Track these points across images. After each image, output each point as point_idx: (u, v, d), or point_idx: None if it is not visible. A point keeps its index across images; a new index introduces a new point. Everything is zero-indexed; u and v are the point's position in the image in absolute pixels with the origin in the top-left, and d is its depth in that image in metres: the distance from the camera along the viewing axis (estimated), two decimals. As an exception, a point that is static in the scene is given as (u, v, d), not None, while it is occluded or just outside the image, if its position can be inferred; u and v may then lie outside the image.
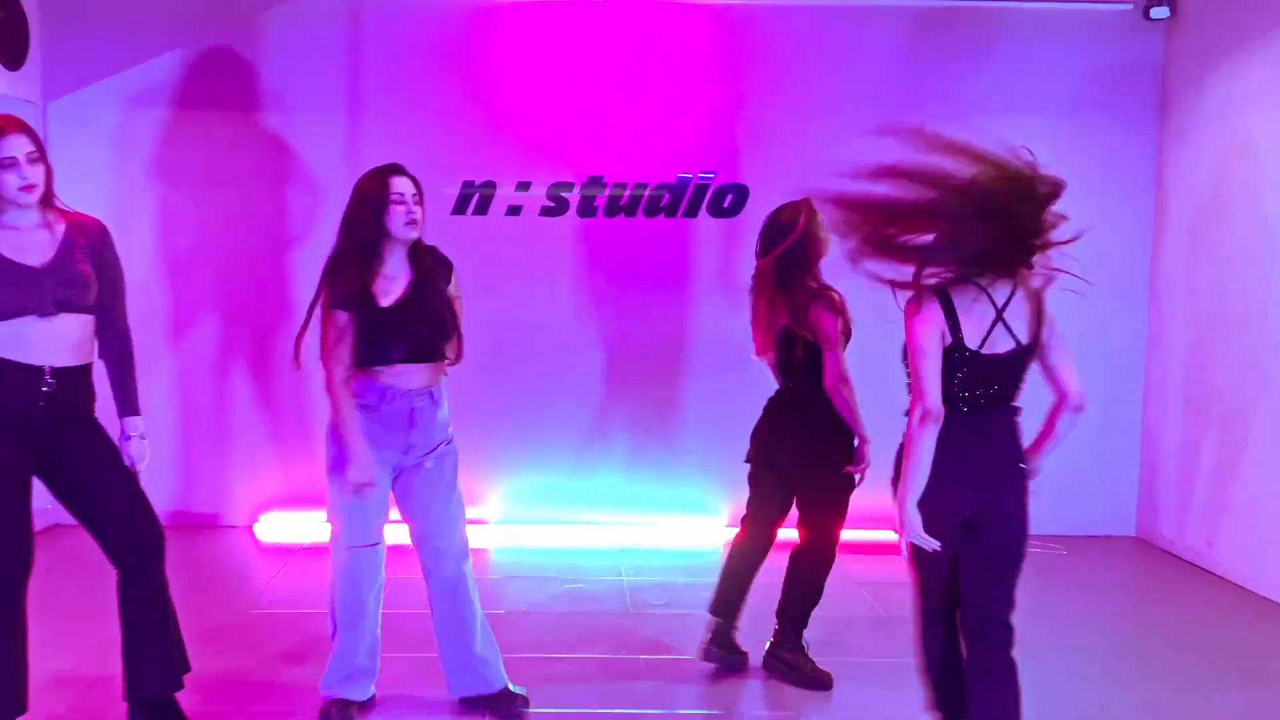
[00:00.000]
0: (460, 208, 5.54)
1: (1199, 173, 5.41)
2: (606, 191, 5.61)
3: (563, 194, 5.61)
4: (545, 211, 5.60)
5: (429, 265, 3.25)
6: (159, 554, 3.08)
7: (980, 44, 5.60)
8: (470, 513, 3.48)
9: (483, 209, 5.58)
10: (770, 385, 3.78)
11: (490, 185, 5.58)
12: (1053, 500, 5.66)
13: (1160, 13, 5.43)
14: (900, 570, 2.96)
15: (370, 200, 3.16)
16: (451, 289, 3.31)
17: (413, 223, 3.18)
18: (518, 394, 5.60)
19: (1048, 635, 4.13)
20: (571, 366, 5.67)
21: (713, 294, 5.64)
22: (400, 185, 3.17)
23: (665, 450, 5.71)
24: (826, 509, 3.65)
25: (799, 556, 3.72)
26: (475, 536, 3.57)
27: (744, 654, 3.80)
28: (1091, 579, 5.16)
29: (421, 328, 3.22)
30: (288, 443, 5.61)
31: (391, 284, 3.18)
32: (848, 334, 3.56)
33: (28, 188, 2.88)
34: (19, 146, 2.88)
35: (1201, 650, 4.18)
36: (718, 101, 5.62)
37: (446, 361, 3.31)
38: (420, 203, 3.21)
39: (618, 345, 5.67)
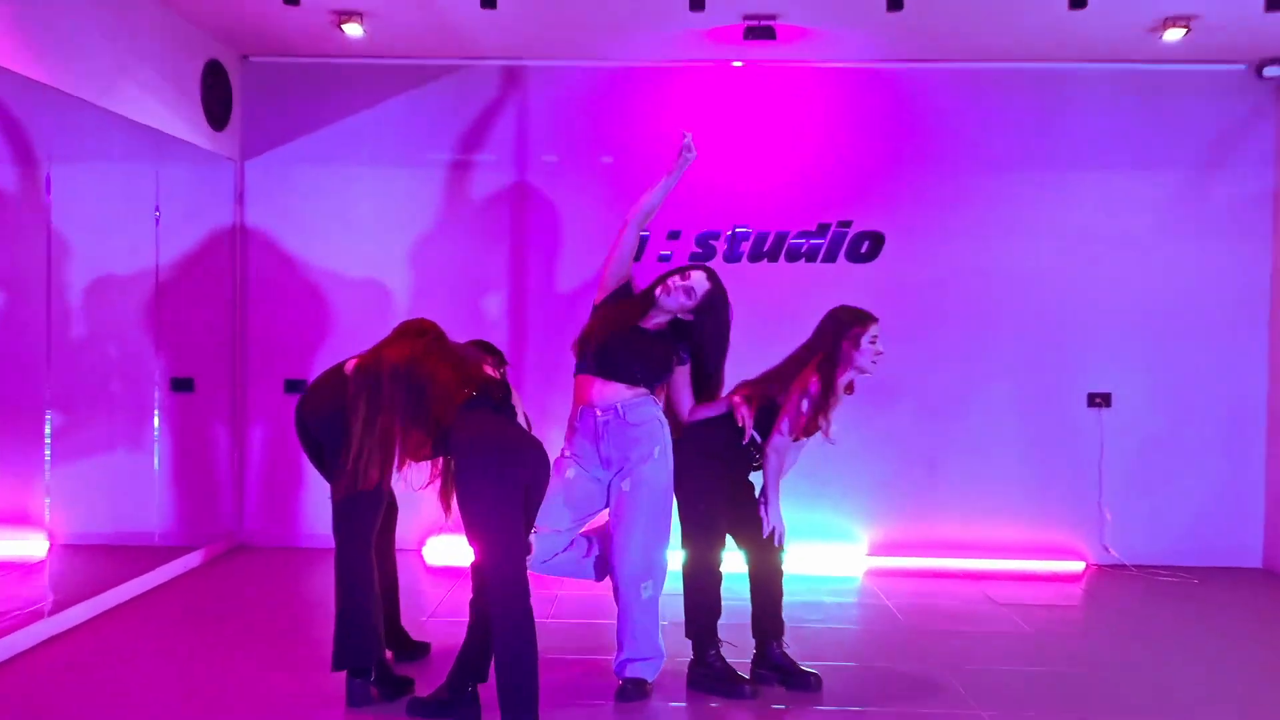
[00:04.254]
0: (616, 254, 5.98)
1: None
2: (751, 238, 6.05)
3: (710, 241, 6.05)
4: (693, 258, 6.03)
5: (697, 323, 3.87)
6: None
7: (1098, 104, 6.00)
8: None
9: (636, 256, 6.00)
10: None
11: (643, 234, 6.02)
12: (1177, 531, 5.97)
13: (1273, 71, 5.78)
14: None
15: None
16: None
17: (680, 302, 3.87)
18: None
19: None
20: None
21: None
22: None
23: (806, 480, 6.01)
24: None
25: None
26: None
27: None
28: (1224, 610, 5.34)
29: (623, 352, 3.69)
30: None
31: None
32: None
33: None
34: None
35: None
36: (855, 155, 6.06)
37: (641, 390, 3.73)
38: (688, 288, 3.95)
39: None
